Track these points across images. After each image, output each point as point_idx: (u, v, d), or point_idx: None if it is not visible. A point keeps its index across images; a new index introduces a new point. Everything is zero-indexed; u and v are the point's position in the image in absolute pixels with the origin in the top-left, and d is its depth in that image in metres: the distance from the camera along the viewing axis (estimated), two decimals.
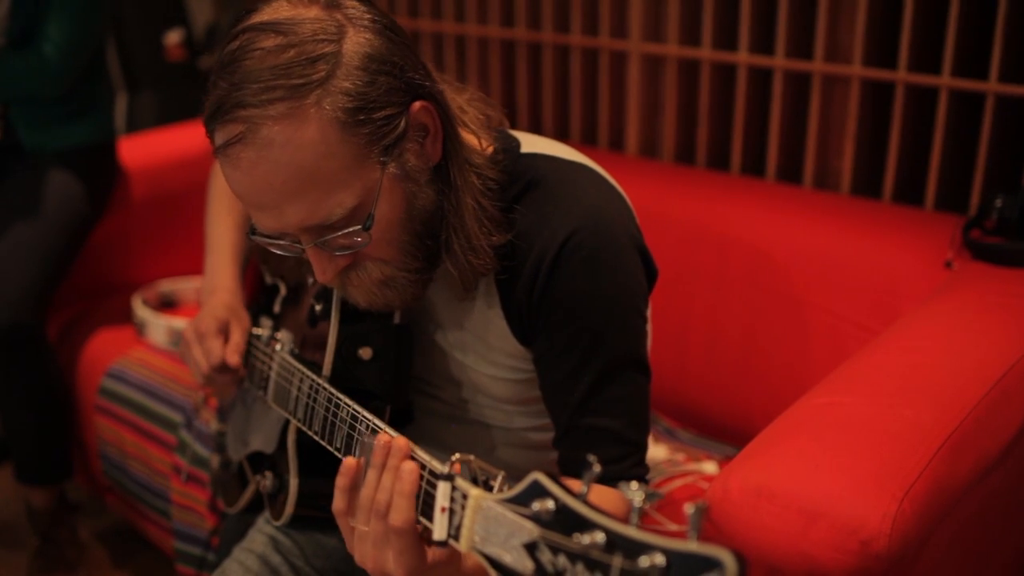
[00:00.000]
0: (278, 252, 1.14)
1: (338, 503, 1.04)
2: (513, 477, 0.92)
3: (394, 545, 0.97)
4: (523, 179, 1.17)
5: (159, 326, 2.24)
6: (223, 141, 1.04)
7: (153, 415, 2.07)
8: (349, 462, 1.03)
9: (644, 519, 1.62)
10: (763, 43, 2.08)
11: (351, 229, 1.07)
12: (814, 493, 1.09)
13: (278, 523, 1.34)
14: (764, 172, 2.16)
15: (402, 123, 1.06)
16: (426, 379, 1.34)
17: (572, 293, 1.14)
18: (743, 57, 2.08)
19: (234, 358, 1.41)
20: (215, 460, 1.60)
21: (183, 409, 2.02)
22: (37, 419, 2.19)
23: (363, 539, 1.01)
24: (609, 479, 1.18)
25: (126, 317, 2.35)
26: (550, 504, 0.76)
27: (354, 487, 1.03)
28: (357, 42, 1.04)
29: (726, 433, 1.95)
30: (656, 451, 1.84)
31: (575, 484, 1.16)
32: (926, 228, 1.82)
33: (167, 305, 2.44)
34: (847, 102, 1.99)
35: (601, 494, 1.16)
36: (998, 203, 1.72)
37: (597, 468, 0.76)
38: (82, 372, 2.26)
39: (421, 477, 0.97)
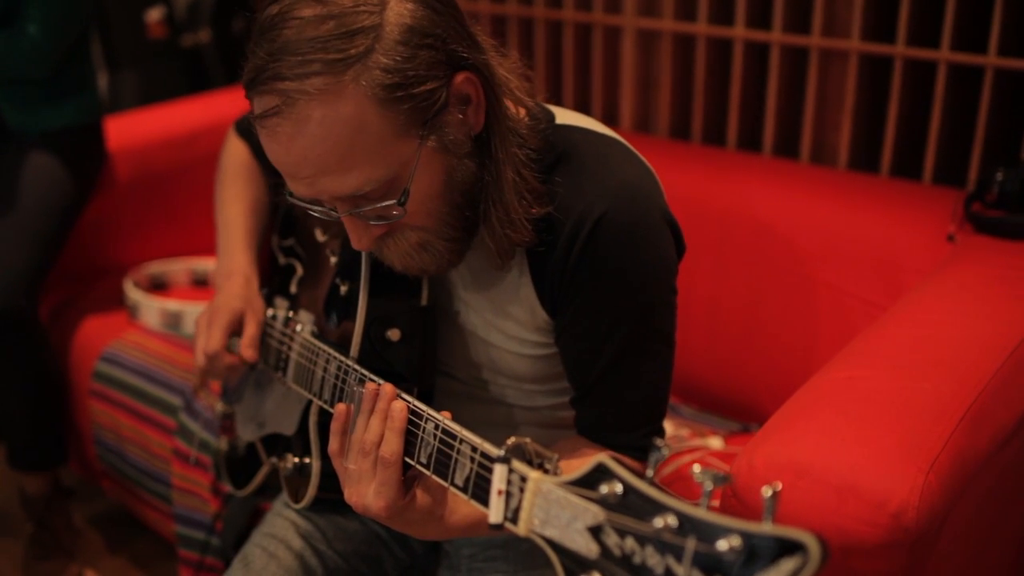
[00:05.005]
0: (315, 215, 1.13)
1: (333, 444, 1.12)
2: None
3: (377, 478, 1.05)
4: (557, 150, 1.16)
5: (152, 308, 2.22)
6: (260, 111, 1.02)
7: (151, 398, 2.05)
8: (341, 407, 1.12)
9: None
10: (760, 17, 2.08)
11: (387, 203, 1.06)
12: (842, 467, 1.10)
13: (299, 506, 1.33)
14: (760, 147, 2.16)
15: (443, 96, 1.04)
16: (444, 359, 1.34)
17: (605, 267, 1.13)
18: (740, 32, 2.08)
19: (249, 352, 1.40)
20: (223, 442, 1.59)
21: (182, 392, 2.01)
22: (31, 404, 2.16)
23: (351, 476, 1.09)
24: (621, 447, 1.21)
25: (117, 300, 2.32)
26: (618, 487, 0.76)
27: (345, 431, 1.11)
28: (399, 13, 1.01)
29: (728, 408, 1.96)
30: None
31: (629, 462, 1.17)
32: (926, 202, 1.84)
33: (157, 287, 2.42)
34: (845, 77, 2.00)
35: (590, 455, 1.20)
36: (999, 176, 1.73)
37: (666, 452, 0.76)
38: (75, 356, 2.23)
39: (433, 432, 1.04)
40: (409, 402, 1.08)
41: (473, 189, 1.12)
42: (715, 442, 1.79)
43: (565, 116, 1.21)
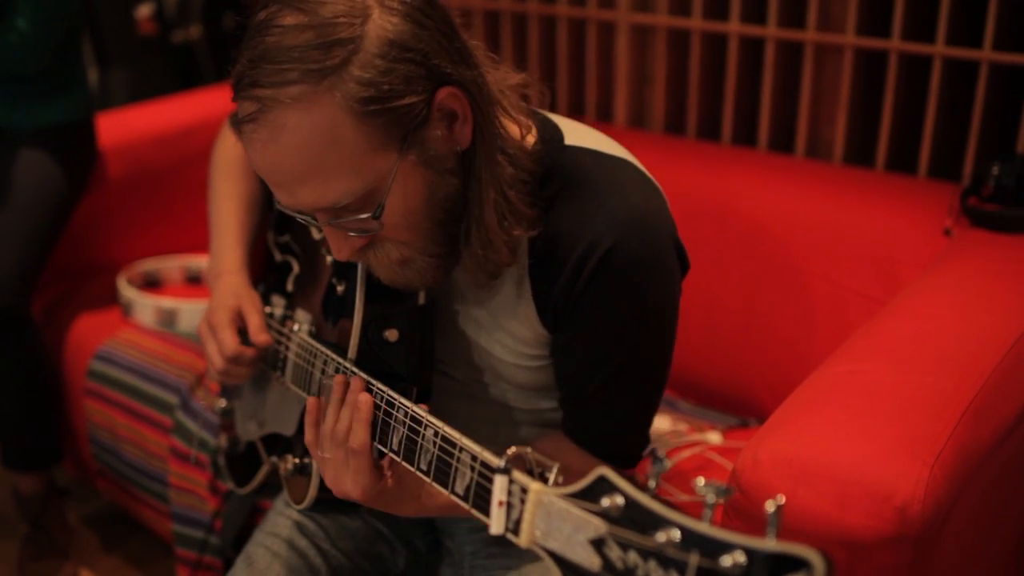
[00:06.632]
0: (302, 222, 1.14)
1: (308, 436, 1.18)
2: None
3: (351, 467, 1.12)
4: (565, 172, 1.15)
5: (146, 306, 2.21)
6: (241, 116, 1.03)
7: (146, 397, 2.05)
8: (312, 400, 1.17)
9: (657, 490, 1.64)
10: (755, 12, 2.07)
11: (362, 216, 1.05)
12: (846, 462, 1.10)
13: (300, 507, 1.33)
14: (755, 142, 2.16)
15: (423, 111, 1.03)
16: (443, 359, 1.33)
17: (612, 298, 1.13)
18: (734, 27, 2.07)
19: (261, 336, 1.40)
20: (223, 440, 1.58)
21: (178, 390, 2.00)
22: (25, 404, 2.16)
23: (327, 466, 1.15)
24: (607, 454, 1.23)
25: (110, 298, 2.31)
26: (619, 500, 0.76)
27: (318, 422, 1.17)
28: (380, 26, 1.01)
29: (726, 403, 1.96)
30: (659, 422, 1.84)
31: (629, 473, 1.17)
32: (922, 196, 1.84)
33: (151, 284, 2.41)
34: (840, 71, 1.99)
35: (573, 458, 1.22)
36: (995, 170, 1.74)
37: (668, 464, 0.76)
38: (69, 355, 2.22)
39: (377, 407, 1.11)
40: (408, 408, 1.08)
41: (456, 205, 1.11)
42: (714, 437, 1.79)
43: (574, 135, 1.19)
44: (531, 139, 1.17)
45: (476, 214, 1.10)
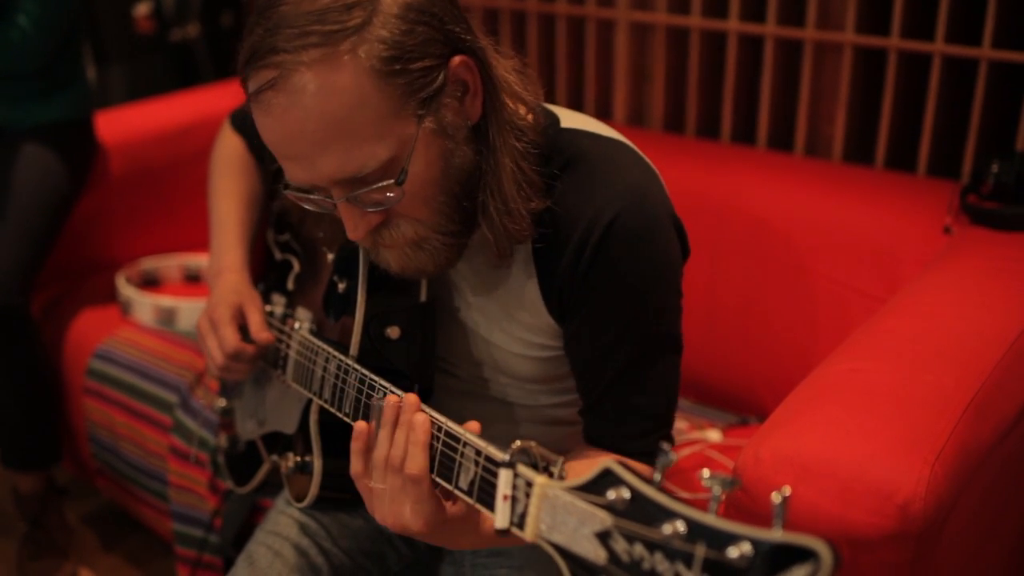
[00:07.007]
0: (310, 208, 1.12)
1: (355, 466, 1.08)
2: None
3: (411, 495, 1.02)
4: (565, 154, 1.16)
5: (145, 304, 2.21)
6: (256, 87, 1.02)
7: (146, 395, 2.04)
8: (360, 426, 1.08)
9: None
10: (754, 10, 2.07)
11: (384, 183, 1.04)
12: (848, 460, 1.10)
13: (301, 505, 1.33)
14: (755, 140, 2.16)
15: (440, 76, 1.04)
16: (444, 357, 1.33)
17: (616, 272, 1.13)
18: (734, 24, 2.08)
19: (264, 334, 1.39)
20: (223, 439, 1.58)
21: (178, 389, 2.00)
22: (24, 403, 2.15)
23: (381, 497, 1.05)
24: (632, 453, 1.20)
25: (109, 296, 2.31)
26: (625, 493, 0.76)
27: (368, 449, 1.07)
28: None
29: (725, 401, 1.96)
30: None
31: (641, 467, 1.17)
32: (922, 194, 1.84)
33: (150, 283, 2.41)
34: (839, 69, 2.00)
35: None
36: (994, 168, 1.74)
37: (673, 457, 0.76)
38: (68, 353, 2.22)
39: (435, 434, 1.03)
40: (384, 387, 1.08)
41: (471, 178, 1.11)
42: (714, 435, 1.79)
43: (569, 119, 1.20)
44: (531, 118, 1.17)
45: (493, 184, 1.10)
